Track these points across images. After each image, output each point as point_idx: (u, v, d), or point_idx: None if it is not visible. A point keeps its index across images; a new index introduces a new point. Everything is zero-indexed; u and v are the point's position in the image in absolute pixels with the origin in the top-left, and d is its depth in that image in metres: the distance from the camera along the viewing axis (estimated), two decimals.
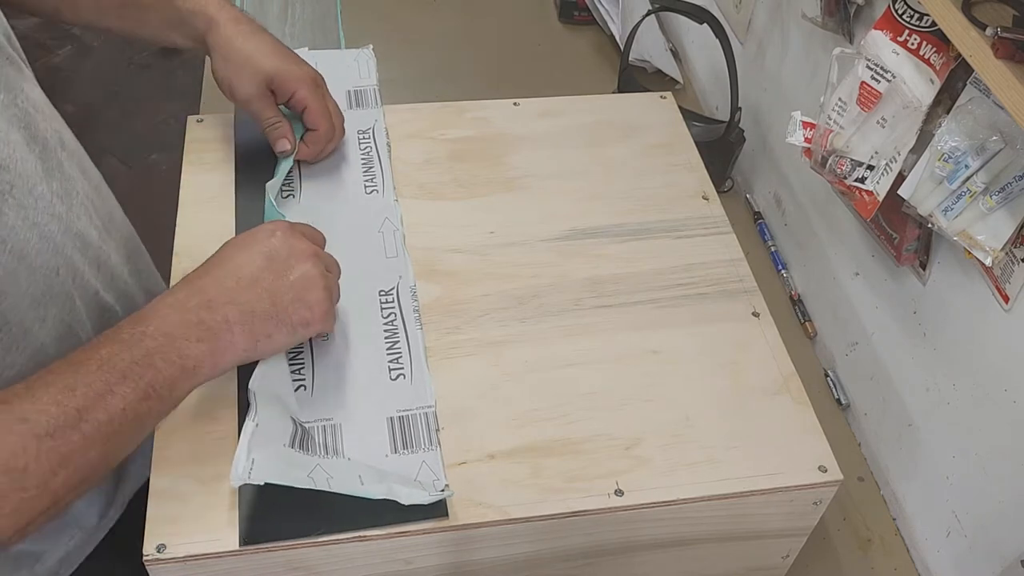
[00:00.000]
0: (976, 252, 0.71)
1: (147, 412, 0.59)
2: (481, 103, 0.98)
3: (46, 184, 0.66)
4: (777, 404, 0.74)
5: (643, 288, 0.82)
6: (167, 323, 0.61)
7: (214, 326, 0.62)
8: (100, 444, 0.57)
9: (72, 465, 0.56)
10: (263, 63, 0.81)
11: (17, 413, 0.55)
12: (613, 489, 0.68)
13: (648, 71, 1.34)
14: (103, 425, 0.57)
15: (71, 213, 0.69)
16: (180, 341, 0.61)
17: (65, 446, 0.55)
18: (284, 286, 0.65)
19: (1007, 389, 0.75)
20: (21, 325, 0.64)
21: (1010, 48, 0.62)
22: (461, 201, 0.88)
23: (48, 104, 0.72)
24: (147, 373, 0.59)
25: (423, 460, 0.67)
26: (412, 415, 0.70)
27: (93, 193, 0.75)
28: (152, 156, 2.23)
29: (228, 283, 0.64)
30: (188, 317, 0.62)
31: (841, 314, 1.01)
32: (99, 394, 0.57)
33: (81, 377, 0.57)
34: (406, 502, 0.63)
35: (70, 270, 0.68)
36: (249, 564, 0.63)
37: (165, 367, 0.60)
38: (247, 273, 0.65)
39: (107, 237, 0.76)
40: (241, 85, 0.81)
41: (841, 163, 0.84)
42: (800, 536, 0.76)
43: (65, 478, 0.56)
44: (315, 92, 0.83)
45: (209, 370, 0.62)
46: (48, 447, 0.55)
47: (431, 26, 1.41)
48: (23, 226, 0.63)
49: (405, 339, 0.75)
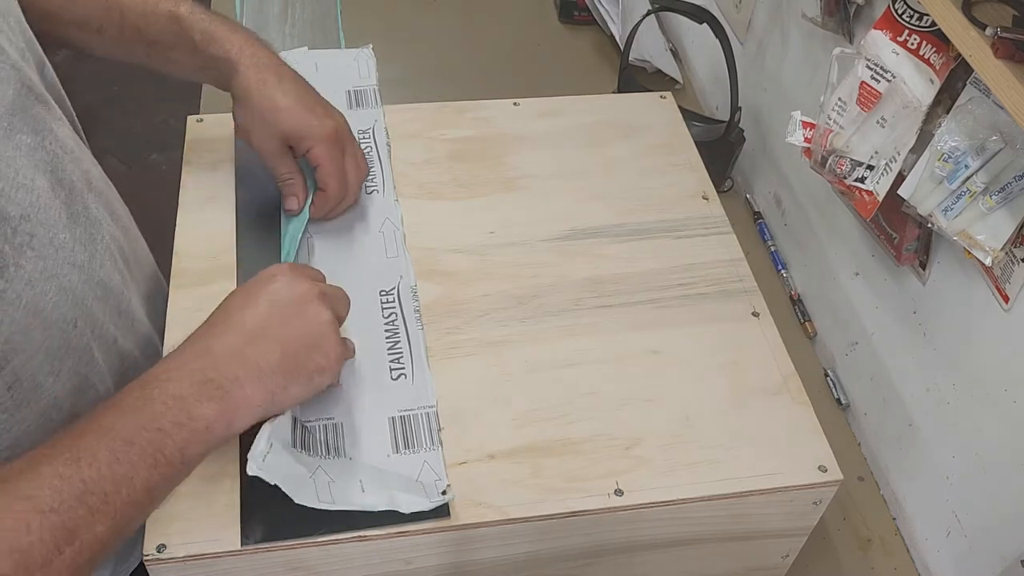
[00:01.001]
0: (976, 252, 0.71)
1: (158, 480, 0.56)
2: (481, 103, 0.98)
3: (69, 232, 0.64)
4: (777, 404, 0.74)
5: (643, 288, 0.82)
6: (173, 385, 0.58)
7: (224, 384, 0.59)
8: (109, 517, 0.53)
9: (79, 541, 0.52)
10: (281, 119, 0.78)
11: (18, 490, 0.51)
12: (613, 489, 0.68)
13: (648, 71, 1.34)
14: (111, 496, 0.53)
15: (93, 261, 0.67)
16: (189, 402, 0.57)
17: (71, 521, 0.51)
18: (293, 334, 0.63)
19: (1007, 389, 0.75)
20: (33, 380, 0.61)
21: (1010, 48, 0.62)
22: (461, 201, 0.88)
23: (78, 142, 0.70)
24: (155, 438, 0.55)
25: (425, 460, 0.67)
26: (413, 415, 0.70)
27: (120, 234, 0.74)
28: (152, 156, 2.23)
29: (234, 338, 0.61)
30: (195, 378, 0.58)
31: (841, 314, 1.01)
32: (105, 464, 0.53)
33: (85, 447, 0.53)
34: (407, 510, 0.63)
35: (89, 321, 0.66)
36: (249, 564, 0.63)
37: (174, 431, 0.56)
38: (253, 325, 0.62)
39: (130, 280, 0.74)
40: (258, 138, 0.79)
41: (841, 163, 0.84)
42: (800, 536, 0.76)
43: (72, 555, 0.52)
44: (331, 150, 0.79)
45: (222, 431, 0.59)
46: (52, 523, 0.51)
47: (431, 26, 1.41)
48: (41, 279, 0.61)
49: (406, 339, 0.75)
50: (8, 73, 0.62)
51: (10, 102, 0.61)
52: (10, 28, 0.64)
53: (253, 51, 0.78)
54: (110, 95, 2.42)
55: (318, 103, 0.81)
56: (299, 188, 0.81)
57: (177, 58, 0.79)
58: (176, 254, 0.80)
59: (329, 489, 0.63)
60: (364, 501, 0.63)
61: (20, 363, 0.60)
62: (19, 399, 0.61)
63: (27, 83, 0.64)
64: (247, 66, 0.77)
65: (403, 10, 1.43)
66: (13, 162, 0.60)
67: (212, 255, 0.80)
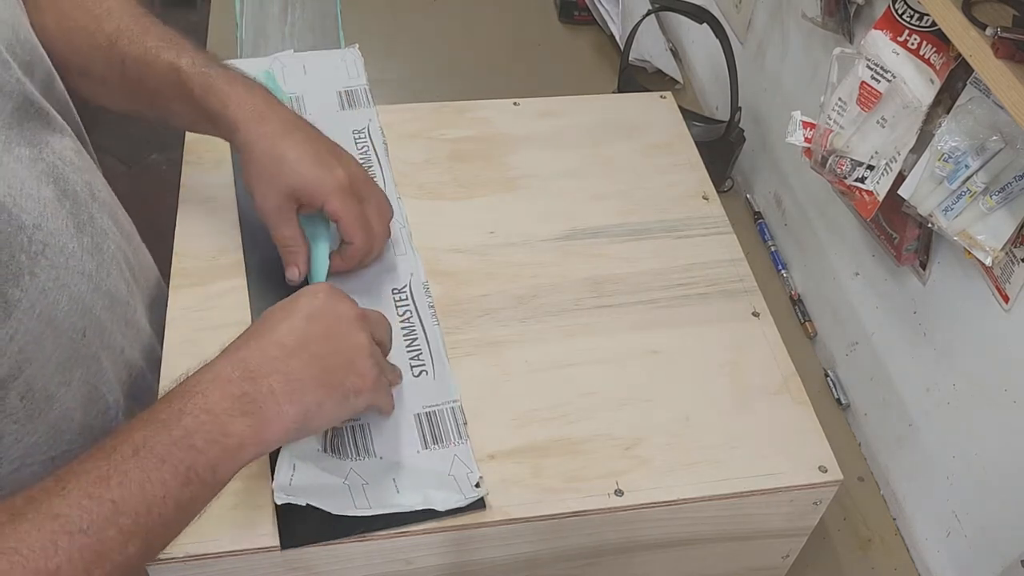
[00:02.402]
0: (976, 252, 0.71)
1: (190, 498, 0.54)
2: (481, 103, 0.98)
3: (77, 241, 0.64)
4: (777, 404, 0.74)
5: (643, 288, 0.82)
6: (208, 399, 0.56)
7: (259, 398, 0.57)
8: (140, 537, 0.52)
9: (109, 562, 0.50)
10: (286, 175, 0.72)
11: (47, 509, 0.49)
12: (613, 489, 0.68)
13: (648, 71, 1.34)
14: (142, 517, 0.51)
15: (101, 270, 0.66)
16: (223, 417, 0.55)
17: (101, 543, 0.50)
18: (331, 351, 0.61)
19: (1007, 389, 0.75)
20: (45, 391, 0.61)
21: (1010, 48, 0.62)
22: (461, 201, 0.88)
23: (80, 154, 0.70)
24: (187, 456, 0.54)
25: (455, 454, 0.68)
26: (439, 410, 0.70)
27: (124, 243, 0.72)
28: (152, 156, 2.23)
29: (272, 351, 0.59)
30: (230, 390, 0.56)
31: (841, 314, 1.01)
32: (136, 483, 0.51)
33: (115, 465, 0.52)
34: (443, 508, 0.63)
35: (98, 330, 0.65)
36: (249, 564, 0.63)
37: (207, 448, 0.54)
38: (292, 340, 0.60)
39: (135, 289, 0.73)
40: (260, 196, 0.73)
41: (841, 163, 0.84)
42: (800, 536, 0.76)
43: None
44: (346, 202, 0.73)
45: (255, 448, 0.57)
46: (82, 544, 0.49)
47: (431, 26, 1.41)
48: (53, 287, 0.60)
49: (423, 335, 0.75)
50: (12, 87, 0.61)
51: (8, 115, 0.61)
52: (17, 41, 0.63)
53: (254, 104, 0.73)
54: None
55: (328, 152, 0.75)
56: (300, 257, 0.75)
57: (178, 109, 0.75)
58: (176, 254, 0.80)
59: (364, 492, 0.63)
60: (400, 502, 0.63)
61: (33, 373, 0.59)
62: (31, 410, 0.60)
63: (29, 97, 0.63)
64: (248, 119, 0.72)
65: (403, 10, 1.43)
66: (18, 173, 0.60)
67: (212, 255, 0.80)
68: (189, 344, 0.73)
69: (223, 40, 1.09)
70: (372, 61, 1.01)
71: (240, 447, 0.56)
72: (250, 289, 0.78)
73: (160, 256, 0.85)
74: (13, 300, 0.56)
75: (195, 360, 0.72)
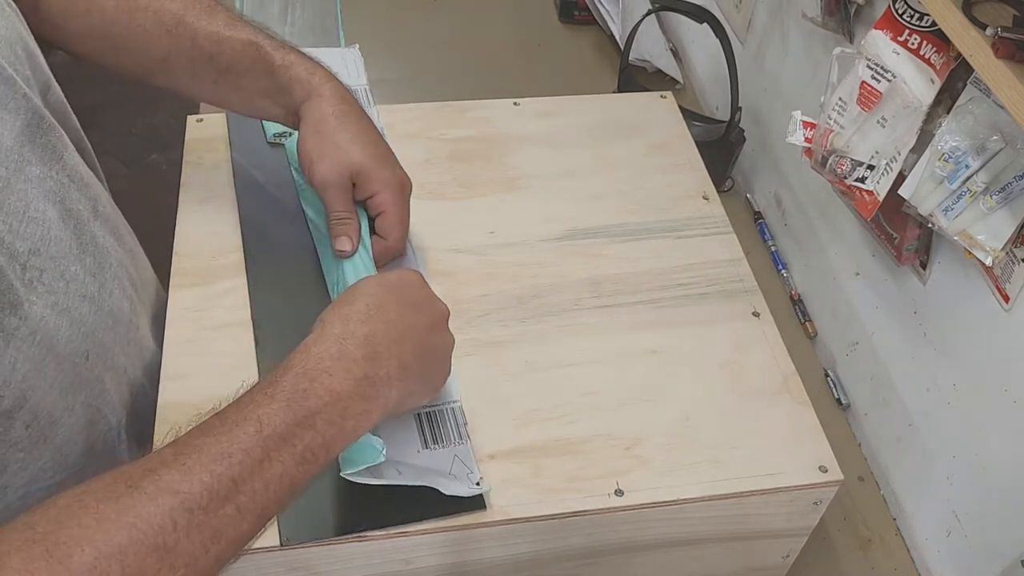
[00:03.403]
0: (976, 252, 0.71)
1: (302, 477, 0.53)
2: (481, 103, 0.98)
3: (79, 263, 0.63)
4: (777, 404, 0.74)
5: (643, 288, 0.82)
6: (334, 379, 0.55)
7: (377, 382, 0.57)
8: (255, 515, 0.51)
9: (225, 539, 0.50)
10: (353, 154, 0.74)
11: (167, 485, 0.48)
12: (613, 489, 0.68)
13: (648, 71, 1.34)
14: (259, 495, 0.51)
15: (103, 291, 0.66)
16: (346, 400, 0.55)
17: (218, 520, 0.49)
18: (430, 344, 0.62)
19: (1007, 389, 0.75)
20: (49, 417, 0.60)
21: (1010, 48, 0.62)
22: (461, 201, 0.88)
23: (86, 168, 0.70)
24: (308, 436, 0.53)
25: (455, 454, 0.68)
26: (440, 410, 0.70)
27: (127, 259, 0.73)
28: (152, 156, 2.23)
29: (392, 334, 0.59)
30: (355, 372, 0.56)
31: (841, 314, 1.01)
32: (258, 462, 0.51)
33: (238, 442, 0.51)
34: (447, 491, 0.64)
35: (100, 352, 0.65)
36: (249, 564, 0.63)
37: (326, 429, 0.54)
38: (403, 325, 0.60)
39: (138, 306, 0.73)
40: (323, 167, 0.74)
41: (841, 163, 0.84)
42: (800, 536, 0.76)
43: (217, 554, 0.49)
44: (398, 200, 0.76)
45: (364, 430, 0.57)
46: (200, 522, 0.48)
47: (431, 26, 1.41)
48: (52, 313, 0.60)
49: None
50: (19, 103, 0.61)
51: (20, 132, 0.61)
52: (16, 57, 0.63)
53: (334, 84, 0.76)
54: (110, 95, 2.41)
55: (391, 153, 0.78)
56: (353, 230, 0.76)
57: (248, 84, 0.76)
58: (176, 254, 0.80)
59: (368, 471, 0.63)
60: (404, 479, 0.64)
61: (37, 400, 0.59)
62: (36, 437, 0.60)
63: (37, 112, 0.63)
64: (328, 92, 0.75)
65: (403, 10, 1.43)
66: (24, 195, 0.59)
67: (212, 255, 0.80)
68: (189, 344, 0.74)
69: None
70: (372, 61, 1.01)
71: (355, 429, 0.56)
72: (250, 289, 0.78)
73: (160, 256, 0.85)
74: (10, 329, 0.56)
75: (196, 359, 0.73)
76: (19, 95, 0.61)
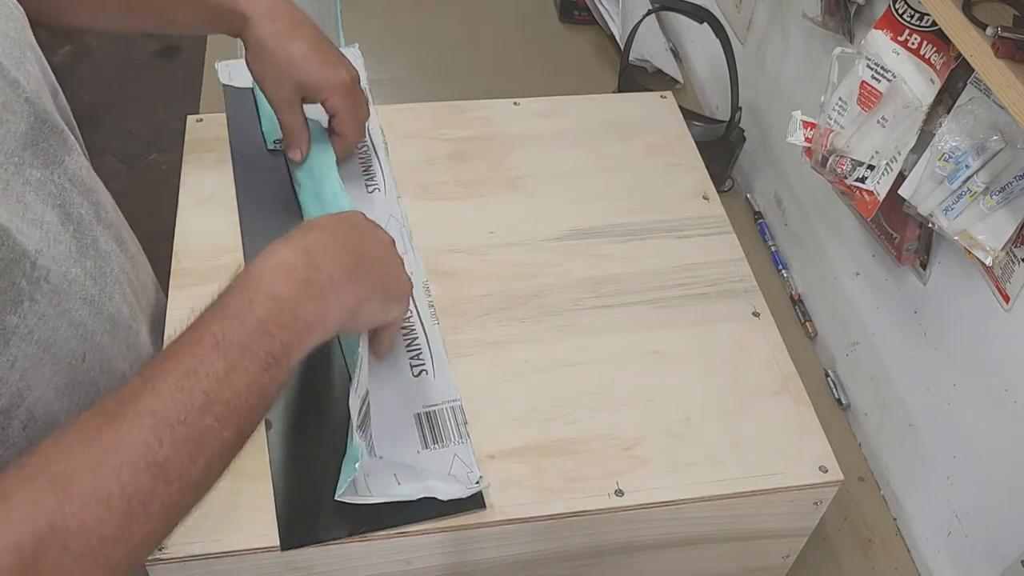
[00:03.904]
0: (976, 252, 0.71)
1: (268, 383, 0.56)
2: (481, 103, 0.98)
3: (80, 266, 0.64)
4: (777, 404, 0.74)
5: (643, 288, 0.82)
6: (275, 286, 0.58)
7: (321, 285, 0.59)
8: (233, 424, 0.54)
9: (211, 449, 0.53)
10: (294, 71, 0.79)
11: (143, 407, 0.51)
12: (613, 489, 0.68)
13: (648, 71, 1.34)
14: (232, 403, 0.54)
15: (103, 295, 0.67)
16: (293, 304, 0.58)
17: (199, 432, 0.52)
18: (378, 259, 0.66)
19: (1007, 389, 0.75)
20: (45, 418, 0.61)
21: (1010, 48, 0.62)
22: (461, 201, 0.88)
23: (89, 171, 0.70)
24: (264, 342, 0.56)
25: (455, 453, 0.68)
26: (439, 410, 0.70)
27: (128, 265, 0.73)
28: (152, 156, 2.23)
29: (332, 246, 0.62)
30: (295, 277, 0.59)
31: (841, 314, 1.01)
32: (223, 373, 0.54)
33: (199, 359, 0.54)
34: (444, 497, 0.64)
35: (97, 356, 0.66)
36: (249, 564, 0.63)
37: (281, 333, 0.56)
38: (346, 242, 0.64)
39: (138, 311, 0.74)
40: (272, 88, 0.81)
41: (841, 163, 0.84)
42: (800, 536, 0.76)
43: (205, 465, 0.53)
44: (347, 99, 0.82)
45: (320, 332, 0.59)
46: (183, 435, 0.51)
47: (431, 26, 1.41)
48: (52, 314, 0.60)
49: (424, 335, 0.75)
50: (22, 107, 0.61)
51: (22, 136, 0.61)
52: (23, 59, 0.63)
53: (265, 1, 0.79)
54: (110, 95, 2.42)
55: (333, 53, 0.82)
56: (304, 140, 0.84)
57: (184, 16, 0.79)
58: (176, 254, 0.80)
59: (366, 483, 0.63)
60: (402, 492, 0.64)
61: (33, 400, 0.60)
62: (32, 437, 0.60)
63: (41, 115, 0.63)
64: (260, 15, 0.78)
65: (403, 10, 1.43)
66: (23, 197, 0.60)
67: (212, 255, 0.80)
68: None
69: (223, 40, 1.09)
70: (372, 61, 1.01)
71: (308, 329, 0.58)
72: None
73: (159, 256, 0.85)
74: (11, 327, 0.57)
75: None
76: (22, 99, 0.61)
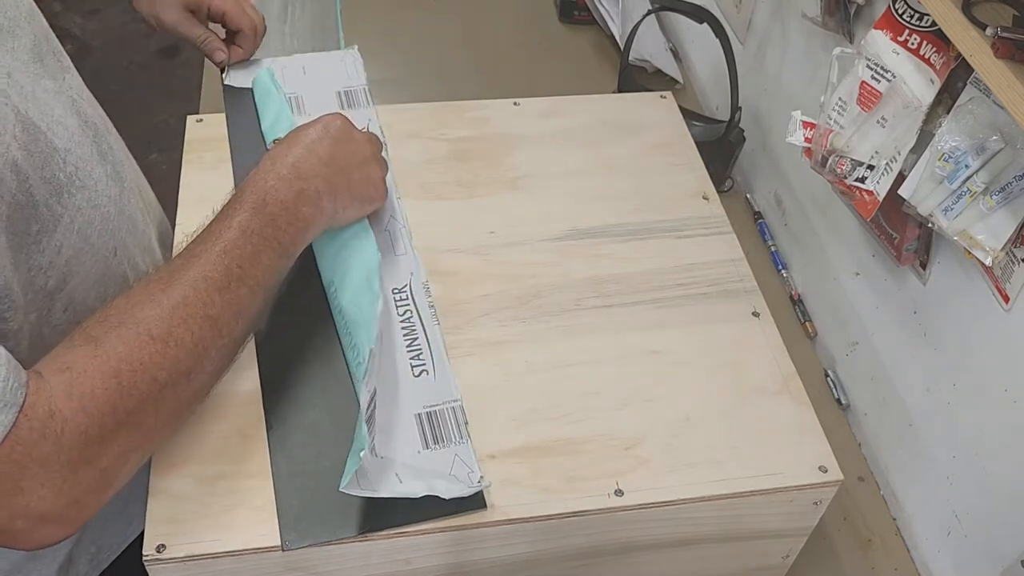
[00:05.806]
0: (976, 252, 0.71)
1: (280, 269, 0.67)
2: (481, 103, 0.98)
3: (102, 168, 0.70)
4: (777, 404, 0.74)
5: (643, 288, 0.82)
6: (280, 193, 0.68)
7: (311, 194, 0.70)
8: (260, 296, 0.64)
9: (246, 315, 0.63)
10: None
11: (195, 273, 0.61)
12: (613, 489, 0.68)
13: (648, 71, 1.34)
14: (259, 279, 0.64)
15: (123, 197, 0.73)
16: (293, 206, 0.68)
17: (239, 298, 0.62)
18: (353, 164, 0.74)
19: (1007, 389, 0.75)
20: (84, 304, 0.67)
21: (1010, 48, 0.62)
22: (461, 201, 0.88)
23: (88, 92, 0.75)
24: (277, 234, 0.66)
25: (455, 453, 0.68)
26: (440, 410, 0.70)
27: (136, 176, 0.79)
28: (152, 156, 2.23)
29: (312, 160, 0.71)
30: (293, 186, 0.69)
31: (841, 314, 1.01)
32: (250, 254, 0.64)
33: (232, 242, 0.63)
34: (446, 495, 0.64)
35: (124, 251, 0.72)
36: (249, 564, 0.63)
37: (288, 228, 0.67)
38: (323, 152, 0.72)
39: (148, 220, 0.80)
40: (164, 13, 0.91)
41: (841, 163, 0.84)
42: (800, 536, 0.76)
43: (243, 327, 0.63)
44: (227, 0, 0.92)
45: (314, 230, 0.70)
46: (227, 299, 0.61)
47: (431, 26, 1.41)
48: (87, 206, 0.66)
49: (424, 335, 0.75)
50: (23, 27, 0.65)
51: (30, 49, 0.65)
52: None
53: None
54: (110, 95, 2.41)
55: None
56: (218, 43, 0.94)
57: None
58: (176, 254, 0.80)
59: (368, 477, 0.63)
60: (403, 489, 0.64)
61: (75, 286, 0.66)
62: (73, 322, 0.65)
63: (40, 33, 0.68)
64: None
65: (403, 10, 1.43)
66: (47, 102, 0.64)
67: None
68: None
69: None
70: (372, 61, 1.01)
71: (307, 227, 0.69)
72: None
73: None
74: (57, 214, 0.63)
75: None
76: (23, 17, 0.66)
